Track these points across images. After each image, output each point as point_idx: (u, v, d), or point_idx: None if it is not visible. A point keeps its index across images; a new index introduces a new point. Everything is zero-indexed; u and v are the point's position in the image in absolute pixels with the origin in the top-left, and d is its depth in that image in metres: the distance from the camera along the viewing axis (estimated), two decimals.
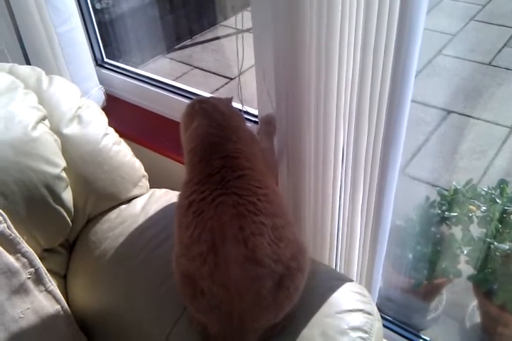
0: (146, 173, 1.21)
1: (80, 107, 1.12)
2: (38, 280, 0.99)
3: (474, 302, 1.61)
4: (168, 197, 1.17)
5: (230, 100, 1.06)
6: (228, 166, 0.86)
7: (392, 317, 1.61)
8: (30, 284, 0.98)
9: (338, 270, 1.19)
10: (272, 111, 1.08)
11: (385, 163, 0.95)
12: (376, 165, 0.96)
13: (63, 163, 1.05)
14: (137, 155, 1.23)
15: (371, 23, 0.80)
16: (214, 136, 0.92)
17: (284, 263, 0.83)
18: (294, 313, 0.90)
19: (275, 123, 1.08)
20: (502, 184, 1.41)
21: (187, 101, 1.43)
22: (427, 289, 1.62)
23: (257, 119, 1.28)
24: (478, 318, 1.61)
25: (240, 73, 1.22)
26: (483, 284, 1.46)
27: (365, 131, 0.93)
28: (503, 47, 2.86)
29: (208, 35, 3.12)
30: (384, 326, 1.57)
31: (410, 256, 1.55)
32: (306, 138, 1.01)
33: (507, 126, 2.36)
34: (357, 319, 0.91)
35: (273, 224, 0.83)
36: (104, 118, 1.16)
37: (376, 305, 1.58)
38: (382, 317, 1.57)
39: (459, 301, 1.71)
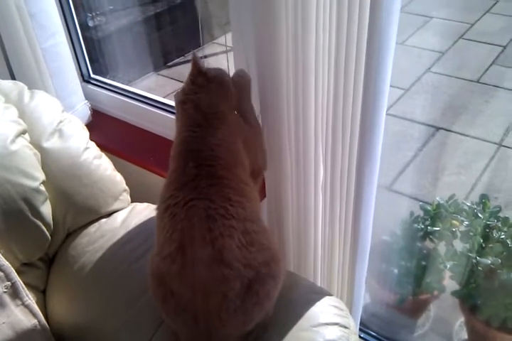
0: (127, 187, 1.22)
1: (61, 121, 1.13)
2: (15, 294, 0.99)
3: (461, 319, 1.61)
4: (149, 211, 1.17)
5: (219, 77, 0.95)
6: (203, 174, 0.87)
7: (379, 333, 1.60)
8: (7, 298, 0.97)
9: (319, 285, 1.19)
10: None
11: (361, 179, 0.96)
12: (352, 181, 0.97)
13: (42, 177, 1.05)
14: (121, 169, 1.23)
15: (341, 38, 0.82)
16: (191, 142, 0.91)
17: (255, 268, 0.83)
18: (268, 323, 0.90)
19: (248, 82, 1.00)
20: (484, 199, 1.42)
21: (171, 115, 1.44)
22: (412, 305, 1.62)
23: None
24: (465, 334, 1.60)
25: None
26: (468, 299, 1.46)
27: (340, 146, 0.95)
28: (491, 64, 2.90)
29: (201, 52, 3.15)
30: None
31: (395, 271, 1.55)
32: (286, 151, 1.03)
33: (495, 143, 2.38)
34: (333, 332, 0.91)
35: (245, 228, 0.84)
36: (85, 133, 1.17)
37: (362, 321, 1.59)
38: (368, 333, 1.58)
39: (446, 317, 1.71)
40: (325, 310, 0.95)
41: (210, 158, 0.89)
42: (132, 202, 1.23)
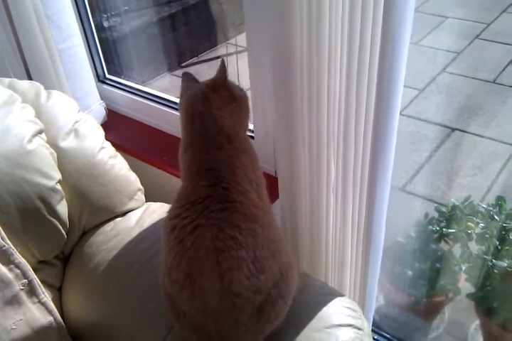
0: (141, 187, 1.22)
1: (77, 121, 1.14)
2: (31, 291, 1.00)
3: (477, 322, 1.59)
4: (163, 210, 1.17)
5: (244, 100, 0.93)
6: (215, 196, 0.84)
7: (392, 335, 1.59)
8: (23, 295, 0.98)
9: (331, 285, 1.18)
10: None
11: (374, 180, 0.95)
12: (365, 182, 0.97)
13: (58, 176, 1.06)
14: (136, 169, 1.24)
15: (355, 38, 0.82)
16: (211, 163, 0.87)
17: (265, 292, 0.82)
18: (282, 329, 0.90)
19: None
20: (500, 201, 1.41)
21: None
22: (427, 307, 1.60)
23: (252, 134, 1.29)
24: (480, 338, 1.58)
25: None
26: (483, 302, 1.45)
27: (352, 147, 0.94)
28: (507, 65, 2.87)
29: (215, 52, 3.16)
30: None
31: (410, 273, 1.54)
32: (300, 153, 1.03)
33: (511, 144, 2.36)
34: (346, 334, 0.91)
35: (254, 256, 0.81)
36: (101, 133, 1.18)
37: (376, 322, 1.58)
38: (382, 335, 1.57)
39: (461, 320, 1.69)
40: (338, 311, 0.95)
41: (228, 180, 0.86)
42: (147, 201, 1.24)
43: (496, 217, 1.40)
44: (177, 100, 1.53)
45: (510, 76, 2.78)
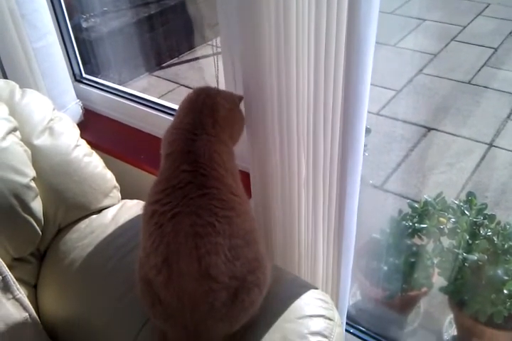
0: (117, 184, 1.23)
1: (51, 119, 1.14)
2: (6, 288, 1.00)
3: (451, 315, 1.63)
4: (139, 207, 1.17)
5: (236, 101, 1.00)
6: (194, 183, 0.86)
7: (369, 329, 1.62)
8: None
9: (304, 279, 1.20)
10: None
11: (344, 174, 0.97)
12: (334, 175, 0.99)
13: (32, 173, 1.07)
14: (112, 167, 1.25)
15: (321, 39, 0.84)
16: (191, 144, 0.90)
17: (240, 278, 0.84)
18: (255, 321, 0.91)
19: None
20: (470, 196, 1.44)
21: (162, 114, 1.46)
22: (402, 301, 1.63)
23: None
24: (455, 331, 1.62)
25: None
26: (455, 295, 1.48)
27: (322, 143, 0.96)
28: (482, 66, 2.93)
29: (195, 54, 3.18)
30: (361, 338, 1.59)
31: (385, 268, 1.57)
32: (271, 150, 1.04)
33: (485, 143, 2.41)
34: (317, 324, 0.93)
35: (230, 244, 0.83)
36: (76, 131, 1.19)
37: (353, 317, 1.60)
38: (358, 329, 1.60)
39: (436, 314, 1.73)
40: (310, 303, 0.97)
41: (206, 166, 0.87)
42: (122, 199, 1.25)
43: (466, 212, 1.43)
44: (153, 99, 1.55)
45: (484, 77, 2.85)
